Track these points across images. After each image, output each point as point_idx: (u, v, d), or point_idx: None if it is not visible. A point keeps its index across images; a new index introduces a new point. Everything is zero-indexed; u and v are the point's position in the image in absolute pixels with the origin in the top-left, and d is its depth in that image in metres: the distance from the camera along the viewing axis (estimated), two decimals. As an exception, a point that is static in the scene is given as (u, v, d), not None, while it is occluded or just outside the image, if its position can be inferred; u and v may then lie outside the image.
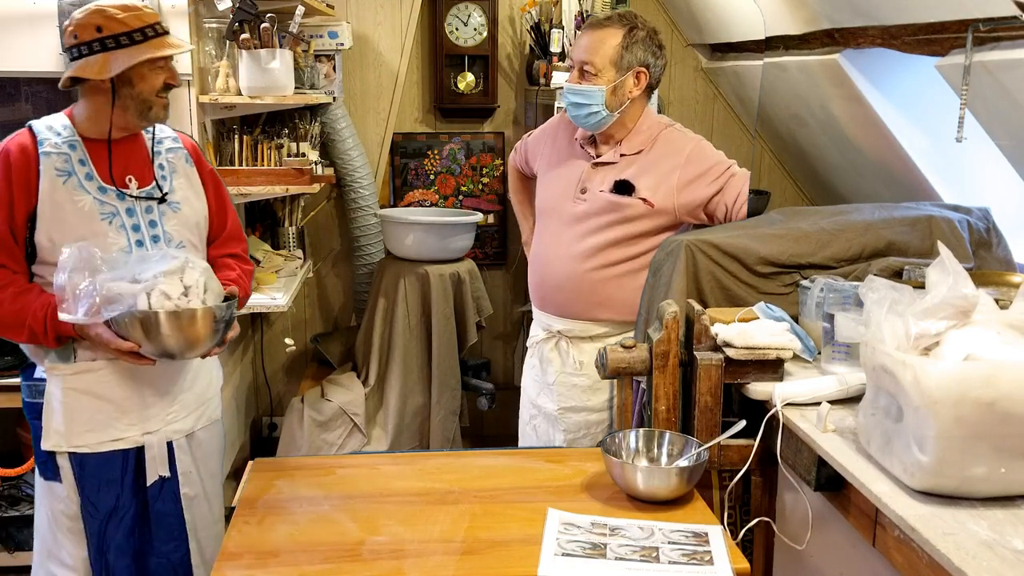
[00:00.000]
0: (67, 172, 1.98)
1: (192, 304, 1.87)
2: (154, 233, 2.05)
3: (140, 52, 1.94)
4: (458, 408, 3.81)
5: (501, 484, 1.79)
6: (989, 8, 2.12)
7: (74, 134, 2.02)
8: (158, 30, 1.99)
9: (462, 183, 4.27)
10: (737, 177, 2.36)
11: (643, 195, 2.35)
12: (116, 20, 1.94)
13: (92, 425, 2.00)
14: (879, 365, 1.54)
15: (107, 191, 2.02)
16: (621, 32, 2.35)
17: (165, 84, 2.02)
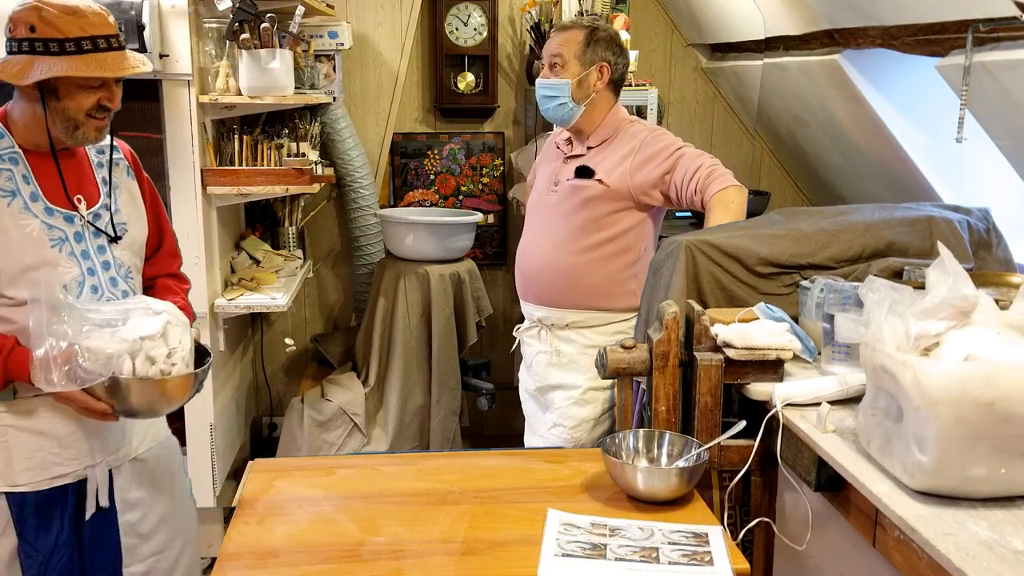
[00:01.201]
0: (11, 192, 1.77)
1: (177, 368, 1.74)
2: (104, 259, 1.88)
3: (66, 65, 1.71)
4: (458, 408, 3.81)
5: (501, 484, 1.79)
6: (989, 8, 2.12)
7: (13, 145, 1.80)
8: (100, 44, 1.74)
9: (462, 183, 4.27)
10: (686, 157, 2.47)
11: (600, 177, 2.51)
12: (51, 23, 1.71)
13: (31, 463, 1.83)
14: (879, 365, 1.54)
15: (54, 213, 1.81)
16: (584, 32, 2.54)
17: (99, 105, 1.79)
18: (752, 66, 3.69)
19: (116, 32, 1.79)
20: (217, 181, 3.07)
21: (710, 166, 2.42)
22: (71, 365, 1.67)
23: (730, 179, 2.40)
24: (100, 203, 1.91)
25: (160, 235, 2.09)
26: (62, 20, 1.72)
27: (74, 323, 1.69)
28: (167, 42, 2.84)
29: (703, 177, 2.40)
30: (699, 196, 2.41)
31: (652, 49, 4.24)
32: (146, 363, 1.71)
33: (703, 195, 2.39)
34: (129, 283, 1.94)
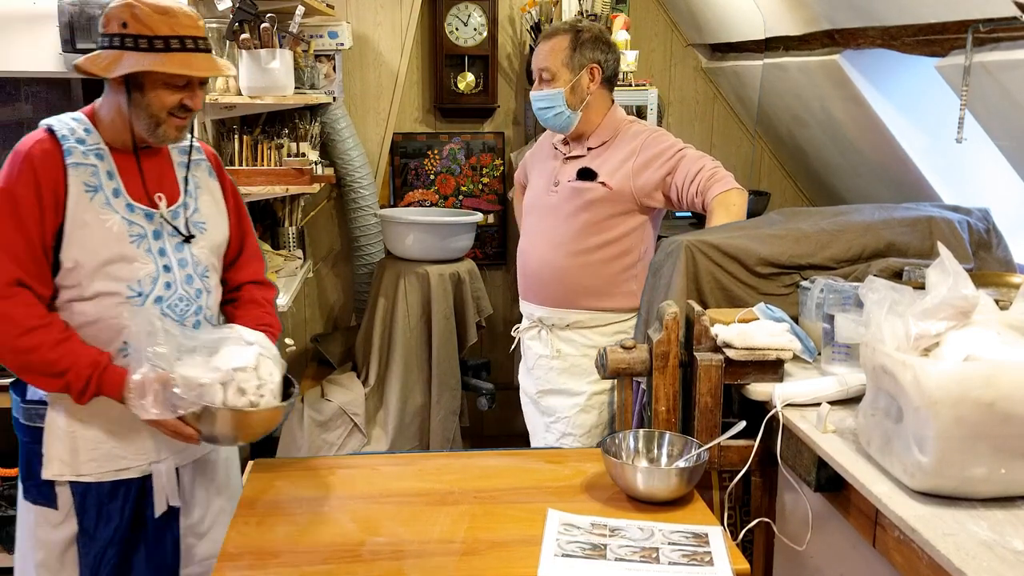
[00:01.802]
0: (95, 187, 1.81)
1: (265, 399, 1.74)
2: (180, 257, 1.91)
3: (152, 61, 1.75)
4: (458, 408, 3.81)
5: (501, 485, 1.79)
6: (989, 8, 2.12)
7: (100, 141, 1.84)
8: (187, 44, 1.78)
9: (462, 183, 4.27)
10: (687, 159, 2.46)
11: (602, 179, 2.50)
12: (142, 20, 1.75)
13: (96, 455, 1.87)
14: (879, 366, 1.54)
15: (135, 210, 1.85)
16: (568, 37, 2.51)
17: (181, 105, 1.83)
18: (752, 66, 3.69)
19: (204, 35, 1.83)
20: (217, 181, 3.07)
21: (711, 168, 2.42)
22: (166, 393, 1.69)
23: (731, 182, 2.40)
24: (179, 202, 1.94)
25: (242, 238, 2.09)
26: (153, 18, 1.76)
27: (170, 349, 1.72)
28: (167, 42, 2.83)
29: (704, 180, 2.40)
30: (700, 199, 2.40)
31: (652, 49, 4.24)
32: (237, 394, 1.71)
33: (704, 198, 2.39)
34: (204, 282, 1.96)
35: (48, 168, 1.78)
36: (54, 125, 1.84)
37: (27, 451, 1.93)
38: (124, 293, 1.83)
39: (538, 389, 2.69)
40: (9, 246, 1.76)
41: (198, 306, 1.94)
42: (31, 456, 1.91)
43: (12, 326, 1.75)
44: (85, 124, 1.86)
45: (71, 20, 2.64)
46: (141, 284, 1.84)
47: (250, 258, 2.12)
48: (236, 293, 2.09)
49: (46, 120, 1.87)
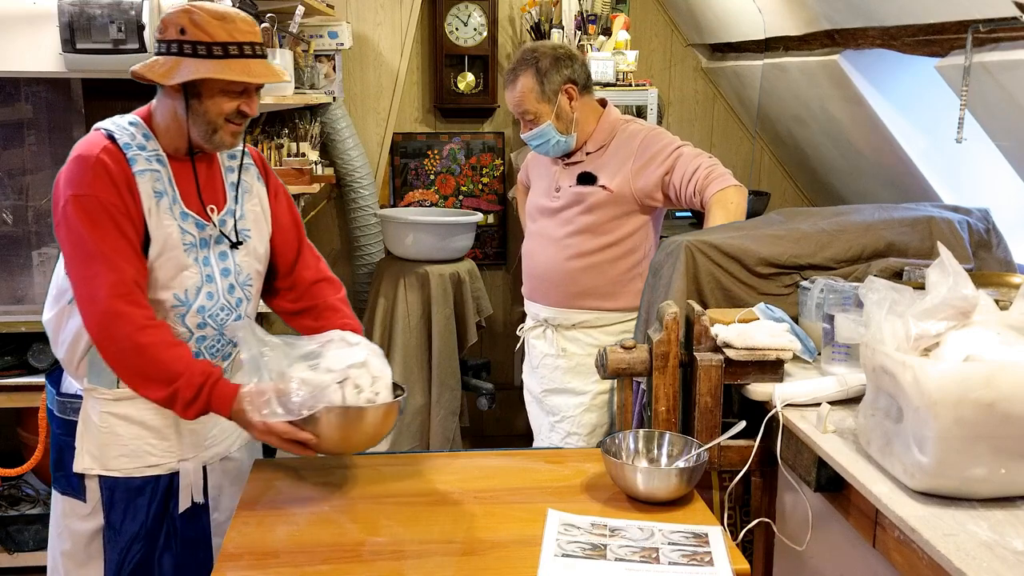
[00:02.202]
0: (160, 192, 1.81)
1: (381, 396, 1.71)
2: (224, 266, 1.90)
3: (211, 68, 1.73)
4: (458, 408, 3.81)
5: (501, 485, 1.79)
6: (989, 9, 2.12)
7: (158, 148, 1.83)
8: (245, 50, 1.77)
9: (462, 183, 4.27)
10: (685, 157, 2.46)
11: (603, 183, 2.51)
12: (201, 27, 1.74)
13: (127, 451, 1.88)
14: (879, 366, 1.54)
15: (188, 218, 1.85)
16: (531, 73, 2.50)
17: (238, 111, 1.81)
18: (752, 66, 3.69)
19: (261, 40, 1.82)
20: (217, 181, 3.06)
21: (709, 166, 2.42)
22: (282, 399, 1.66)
23: (729, 179, 2.40)
24: (226, 209, 1.92)
25: (299, 237, 2.07)
26: (212, 24, 1.74)
27: (278, 357, 1.70)
28: (167, 42, 2.83)
29: (702, 177, 2.40)
30: (698, 197, 2.40)
31: (652, 49, 4.24)
32: (353, 391, 1.68)
33: (702, 195, 2.39)
34: (246, 290, 1.96)
35: (121, 175, 1.76)
36: (114, 132, 1.81)
37: (59, 442, 1.96)
38: (170, 302, 1.84)
39: (543, 388, 2.69)
40: (120, 249, 1.74)
41: (237, 315, 1.95)
42: (63, 448, 1.93)
43: (130, 325, 1.73)
44: (143, 129, 1.84)
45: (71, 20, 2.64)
46: (187, 294, 1.85)
47: (311, 256, 2.09)
48: (309, 300, 2.06)
49: (103, 124, 1.84)
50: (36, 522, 3.15)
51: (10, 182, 3.01)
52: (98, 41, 2.65)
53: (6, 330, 2.94)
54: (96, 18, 2.63)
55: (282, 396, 1.65)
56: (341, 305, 2.06)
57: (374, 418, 1.68)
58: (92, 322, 1.76)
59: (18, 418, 3.15)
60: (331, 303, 2.05)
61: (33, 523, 3.15)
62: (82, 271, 1.75)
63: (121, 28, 2.63)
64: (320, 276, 2.08)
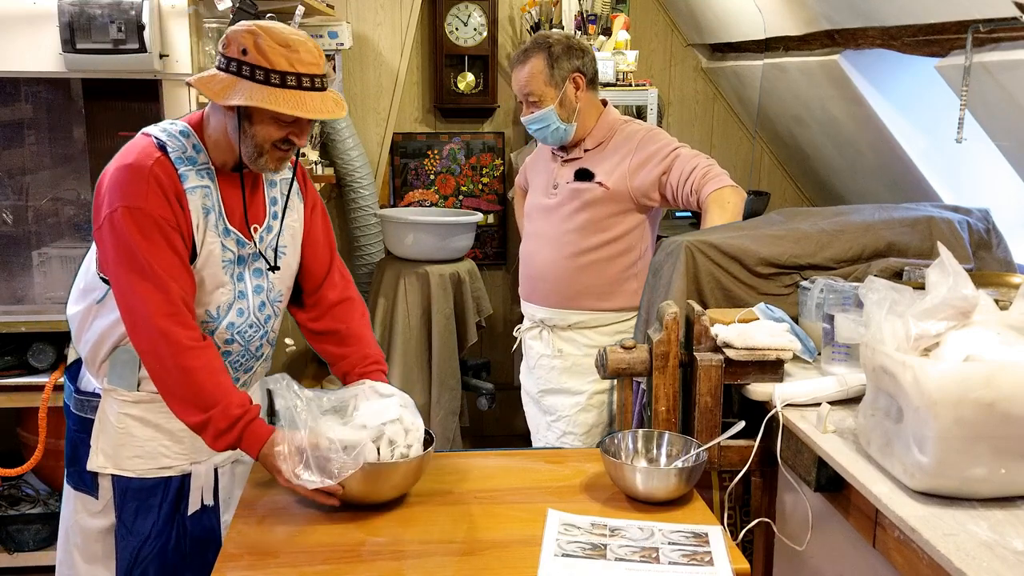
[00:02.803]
0: (208, 208, 1.79)
1: (414, 449, 1.70)
2: (257, 283, 1.90)
3: (263, 96, 1.70)
4: (458, 408, 3.81)
5: (501, 485, 1.79)
6: (989, 9, 2.12)
7: (208, 161, 1.81)
8: (303, 83, 1.74)
9: (462, 183, 4.27)
10: (682, 158, 2.47)
11: (600, 179, 2.53)
12: (263, 52, 1.71)
13: (142, 452, 1.89)
14: (879, 366, 1.54)
15: (230, 234, 1.83)
16: (542, 56, 2.52)
17: (286, 139, 1.80)
18: (752, 66, 3.69)
19: (323, 73, 1.79)
20: (217, 181, 3.06)
21: (705, 166, 2.43)
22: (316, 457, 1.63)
23: (726, 179, 2.40)
24: (265, 225, 1.91)
25: (331, 255, 2.05)
26: (274, 51, 1.71)
27: (312, 413, 1.69)
28: (167, 42, 2.84)
29: (699, 178, 2.40)
30: (695, 196, 2.41)
31: (652, 49, 4.24)
32: (388, 447, 1.67)
33: (699, 195, 2.40)
34: (276, 307, 1.96)
35: (172, 188, 1.74)
36: (165, 142, 1.78)
37: (74, 439, 1.96)
38: (201, 317, 1.83)
39: (539, 388, 2.70)
40: (170, 266, 1.73)
41: (265, 331, 1.96)
42: (77, 444, 1.94)
43: (176, 346, 1.72)
44: (194, 140, 1.82)
45: (71, 20, 2.64)
46: (219, 310, 1.85)
47: (339, 275, 2.07)
48: (331, 321, 2.03)
49: (153, 131, 1.82)
50: (36, 522, 3.15)
51: (10, 182, 3.01)
52: (98, 41, 2.65)
53: (6, 330, 2.94)
54: (96, 18, 2.63)
55: (318, 457, 1.62)
56: (365, 331, 2.04)
57: (406, 471, 1.68)
58: (139, 339, 1.75)
59: (18, 418, 3.15)
60: (355, 330, 2.03)
61: (33, 523, 3.15)
62: (130, 285, 1.73)
63: (121, 28, 2.64)
64: (344, 296, 2.06)
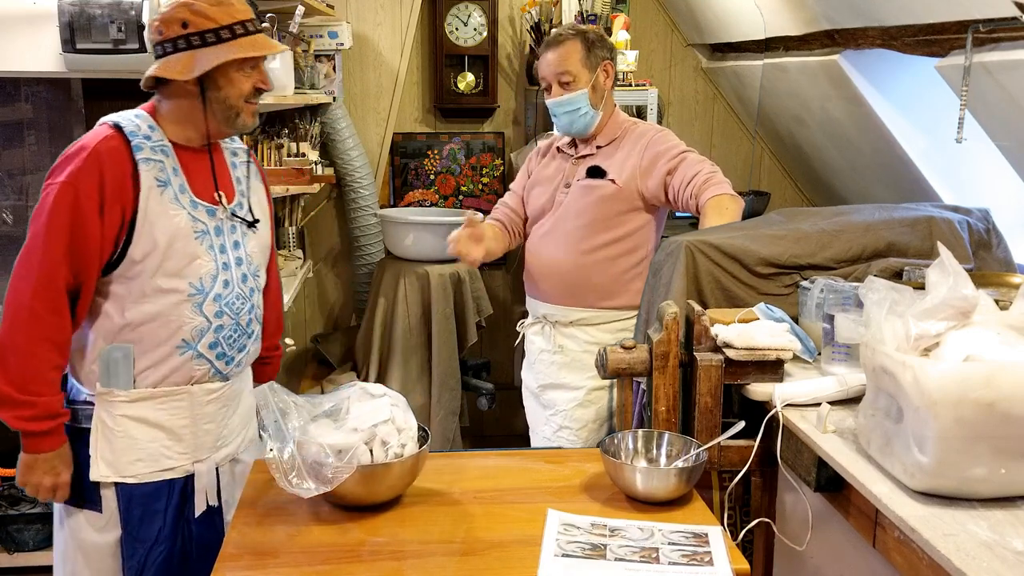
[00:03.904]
0: (165, 182, 1.83)
1: (408, 448, 1.71)
2: (237, 255, 1.94)
3: (227, 51, 1.78)
4: (458, 408, 3.81)
5: (501, 485, 1.79)
6: (989, 9, 2.12)
7: (164, 138, 1.86)
8: (249, 28, 1.82)
9: (462, 183, 4.27)
10: (688, 162, 2.49)
11: (611, 176, 2.53)
12: (203, 15, 1.78)
13: (143, 455, 1.87)
14: (879, 366, 1.54)
15: (198, 206, 1.88)
16: (579, 40, 2.55)
17: (255, 88, 1.87)
18: (752, 66, 3.69)
19: (254, 15, 1.86)
20: (217, 181, 3.07)
21: (708, 172, 2.44)
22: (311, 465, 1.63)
23: (727, 187, 2.42)
24: (236, 200, 1.98)
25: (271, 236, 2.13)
26: (212, 11, 1.79)
27: (302, 419, 1.69)
28: (167, 42, 2.83)
29: (700, 183, 2.42)
30: (694, 201, 2.43)
31: (652, 49, 4.24)
32: (381, 449, 1.68)
33: (698, 200, 2.42)
34: (256, 281, 2.01)
35: (116, 163, 1.78)
36: (120, 121, 1.84)
37: None
38: (186, 291, 1.86)
39: (539, 383, 2.71)
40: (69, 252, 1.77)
41: (251, 304, 1.99)
42: (73, 458, 1.89)
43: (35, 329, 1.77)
44: (148, 121, 1.87)
45: (71, 20, 2.64)
46: (202, 281, 1.87)
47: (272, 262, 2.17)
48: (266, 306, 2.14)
49: (110, 117, 1.87)
50: (36, 522, 3.15)
51: (10, 182, 3.01)
52: (98, 41, 2.65)
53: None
54: (96, 18, 2.63)
55: (311, 465, 1.62)
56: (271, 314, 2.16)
57: (401, 471, 1.68)
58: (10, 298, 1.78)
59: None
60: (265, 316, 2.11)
61: (33, 523, 3.15)
62: (31, 251, 1.78)
63: (121, 28, 2.63)
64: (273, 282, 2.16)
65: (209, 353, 1.91)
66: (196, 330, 1.88)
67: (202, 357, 1.90)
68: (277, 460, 1.63)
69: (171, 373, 1.88)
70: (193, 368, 1.90)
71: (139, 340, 1.85)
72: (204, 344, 1.90)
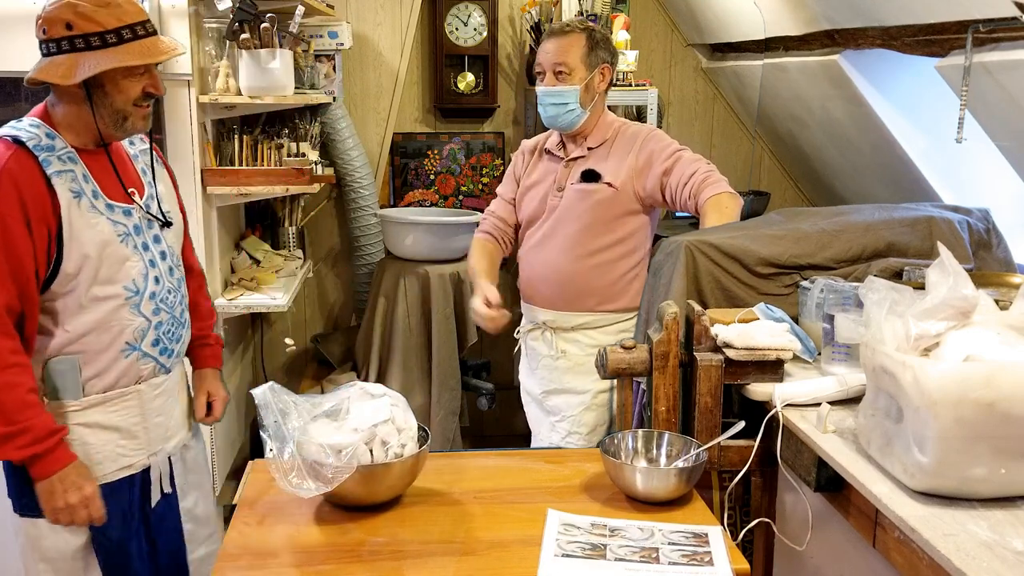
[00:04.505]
0: (79, 192, 1.77)
1: (408, 448, 1.70)
2: (160, 249, 1.93)
3: (112, 57, 1.70)
4: (458, 408, 3.81)
5: (501, 485, 1.79)
6: (989, 9, 2.12)
7: (66, 145, 1.79)
8: (138, 31, 1.73)
9: (462, 183, 4.27)
10: (683, 161, 2.47)
11: (608, 180, 2.51)
12: (88, 17, 1.69)
13: (101, 457, 1.87)
14: (879, 366, 1.54)
15: (115, 209, 1.83)
16: (584, 36, 2.52)
17: (144, 93, 1.79)
18: (752, 66, 3.69)
19: (147, 18, 1.78)
20: (217, 181, 3.07)
21: (706, 171, 2.43)
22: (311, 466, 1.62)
23: (725, 186, 2.41)
24: (147, 193, 1.94)
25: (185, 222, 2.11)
26: (99, 13, 1.70)
27: (302, 419, 1.69)
28: (167, 42, 2.83)
29: (698, 182, 2.41)
30: (693, 200, 2.41)
31: (652, 49, 4.24)
32: (381, 448, 1.67)
33: (697, 199, 2.40)
34: (179, 270, 2.01)
35: (30, 181, 1.71)
36: (19, 135, 1.75)
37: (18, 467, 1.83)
38: (122, 295, 1.85)
39: (543, 389, 2.69)
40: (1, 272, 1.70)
41: (181, 295, 2.00)
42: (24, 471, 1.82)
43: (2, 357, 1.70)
44: (46, 129, 1.79)
45: (71, 20, 2.63)
46: (135, 283, 1.86)
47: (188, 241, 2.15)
48: None
49: (4, 131, 1.78)
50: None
51: (10, 182, 3.00)
52: (98, 41, 2.64)
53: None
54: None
55: (311, 465, 1.61)
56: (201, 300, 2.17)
57: (401, 471, 1.68)
58: None
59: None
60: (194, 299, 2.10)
61: None
62: None
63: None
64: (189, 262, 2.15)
65: (152, 350, 1.92)
66: (138, 331, 1.88)
67: (147, 356, 1.91)
68: (277, 460, 1.62)
69: (120, 377, 1.88)
70: (140, 368, 1.91)
71: (83, 350, 1.82)
72: (147, 343, 1.90)
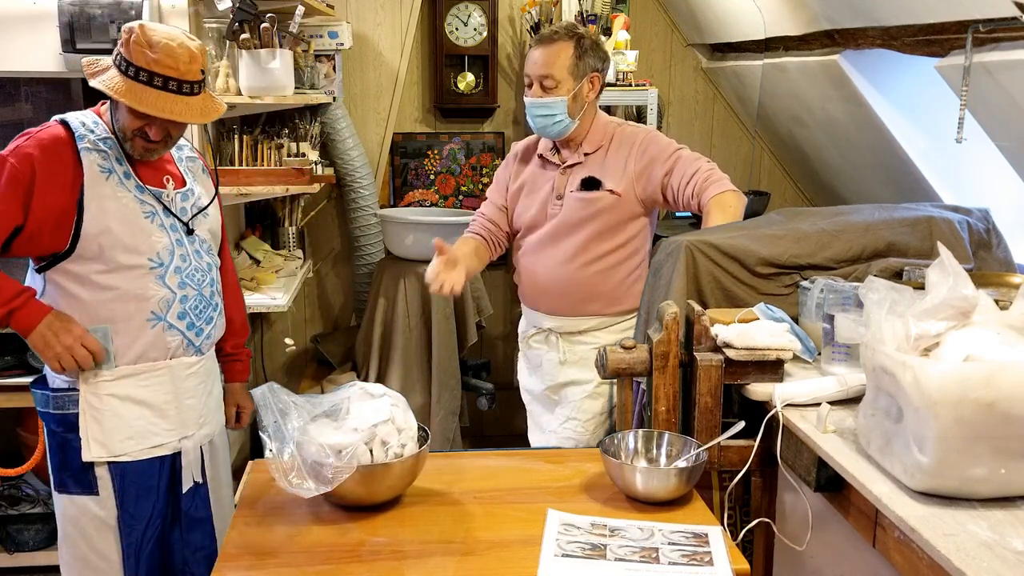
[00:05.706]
0: (108, 169, 1.95)
1: (408, 448, 1.71)
2: (191, 234, 2.07)
3: (122, 88, 1.86)
4: (458, 408, 3.81)
5: (501, 485, 1.79)
6: (989, 9, 2.12)
7: (107, 133, 1.98)
8: (170, 86, 1.86)
9: (462, 183, 4.27)
10: (683, 160, 2.46)
11: (609, 187, 2.49)
12: (131, 46, 1.86)
13: (133, 432, 1.97)
14: (879, 366, 1.54)
15: (145, 191, 2.00)
16: (572, 44, 2.46)
17: (141, 130, 1.93)
18: (752, 66, 3.69)
19: (194, 79, 1.89)
20: (217, 181, 3.07)
21: (707, 170, 2.42)
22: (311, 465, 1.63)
23: (727, 183, 2.40)
24: (187, 186, 2.10)
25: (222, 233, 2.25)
26: (139, 48, 1.85)
27: (302, 419, 1.69)
28: (167, 42, 2.83)
29: (701, 180, 2.40)
30: (696, 199, 2.40)
31: (652, 49, 4.24)
32: (381, 448, 1.68)
33: (700, 198, 2.39)
34: (212, 258, 2.12)
35: (55, 150, 1.90)
36: (66, 117, 1.98)
37: (60, 441, 2.00)
38: (146, 265, 1.96)
39: (547, 385, 2.68)
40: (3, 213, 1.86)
41: (211, 278, 2.09)
42: (65, 446, 1.98)
43: None
44: (93, 118, 2.00)
45: (71, 20, 2.64)
46: (160, 256, 1.98)
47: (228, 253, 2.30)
48: None
49: (58, 116, 2.01)
50: (36, 522, 3.15)
51: (10, 182, 3.00)
52: (98, 41, 2.65)
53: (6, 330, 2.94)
54: (96, 18, 2.64)
55: (311, 465, 1.62)
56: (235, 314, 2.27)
57: (401, 471, 1.68)
58: None
59: (18, 418, 3.15)
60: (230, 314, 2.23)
61: (33, 523, 3.15)
62: None
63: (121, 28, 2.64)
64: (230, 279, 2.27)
65: (179, 323, 2.01)
66: (163, 301, 1.98)
67: (173, 328, 2.00)
68: (277, 460, 1.63)
69: (148, 347, 1.97)
70: (167, 340, 1.99)
71: (111, 318, 1.94)
72: (173, 314, 2.00)
